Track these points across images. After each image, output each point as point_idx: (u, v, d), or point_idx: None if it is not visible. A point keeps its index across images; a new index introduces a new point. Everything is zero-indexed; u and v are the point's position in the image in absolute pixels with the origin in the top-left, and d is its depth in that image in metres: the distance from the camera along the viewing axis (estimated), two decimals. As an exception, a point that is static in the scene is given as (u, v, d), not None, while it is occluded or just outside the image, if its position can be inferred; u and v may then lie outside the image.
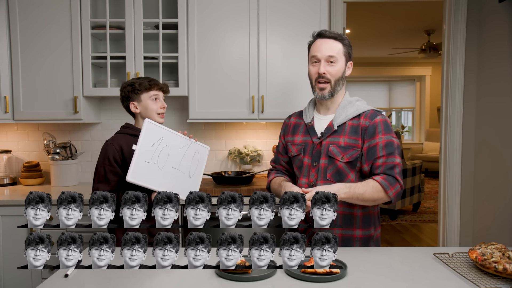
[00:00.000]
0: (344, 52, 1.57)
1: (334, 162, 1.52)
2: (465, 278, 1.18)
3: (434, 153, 8.41)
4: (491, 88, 2.68)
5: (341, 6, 2.85)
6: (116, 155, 1.72)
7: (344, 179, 1.52)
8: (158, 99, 1.82)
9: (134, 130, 1.82)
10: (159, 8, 2.54)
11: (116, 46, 2.79)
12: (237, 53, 2.56)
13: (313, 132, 1.60)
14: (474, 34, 2.82)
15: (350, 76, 8.85)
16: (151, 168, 1.55)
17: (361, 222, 1.54)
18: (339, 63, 1.55)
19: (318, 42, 1.57)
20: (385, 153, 1.48)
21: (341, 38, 1.57)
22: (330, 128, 1.56)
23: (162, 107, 1.83)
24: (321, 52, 1.54)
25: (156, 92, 1.81)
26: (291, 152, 1.65)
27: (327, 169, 1.53)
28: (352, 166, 1.52)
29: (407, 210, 5.56)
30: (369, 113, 1.57)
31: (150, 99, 1.80)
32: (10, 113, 2.57)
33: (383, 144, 1.49)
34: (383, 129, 1.51)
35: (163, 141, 1.61)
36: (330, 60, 1.54)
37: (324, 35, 1.57)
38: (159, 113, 1.81)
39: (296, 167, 1.64)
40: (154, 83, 1.81)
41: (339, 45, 1.56)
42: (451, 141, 2.88)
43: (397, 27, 6.12)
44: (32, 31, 2.54)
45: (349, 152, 1.51)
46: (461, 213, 2.90)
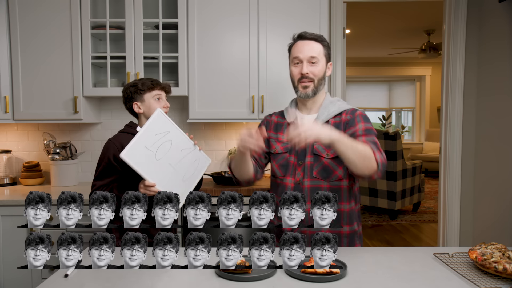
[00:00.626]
0: (324, 53, 1.60)
1: (320, 159, 1.54)
2: (465, 278, 1.18)
3: (434, 153, 8.41)
4: (491, 88, 2.68)
5: (341, 6, 2.85)
6: (117, 153, 1.71)
7: (331, 175, 1.54)
8: (161, 98, 1.83)
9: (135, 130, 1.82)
10: (159, 8, 2.54)
11: (116, 46, 2.79)
12: (237, 53, 2.56)
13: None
14: (474, 34, 2.82)
15: (350, 76, 8.86)
16: (148, 154, 1.55)
17: (348, 218, 1.57)
18: (320, 63, 1.58)
19: (299, 43, 1.60)
20: (364, 134, 1.50)
21: (321, 39, 1.61)
22: None
23: (165, 106, 1.84)
24: (303, 53, 1.57)
25: (159, 92, 1.83)
26: (274, 149, 1.64)
27: (313, 166, 1.55)
28: (338, 162, 1.53)
29: (407, 210, 5.56)
30: (349, 110, 1.60)
31: (153, 98, 1.82)
32: (10, 113, 2.57)
33: (362, 129, 1.51)
34: (362, 119, 1.55)
35: (168, 135, 1.61)
36: (312, 60, 1.56)
37: (305, 37, 1.60)
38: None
39: (277, 165, 1.63)
40: (157, 83, 1.83)
41: (319, 46, 1.59)
42: (451, 141, 2.88)
43: (397, 27, 6.11)
44: (32, 31, 2.54)
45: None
46: (461, 213, 2.90)
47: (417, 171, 5.14)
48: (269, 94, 2.57)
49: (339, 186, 1.54)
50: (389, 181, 4.86)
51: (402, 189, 4.89)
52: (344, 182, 1.55)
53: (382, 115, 8.93)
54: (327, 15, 2.56)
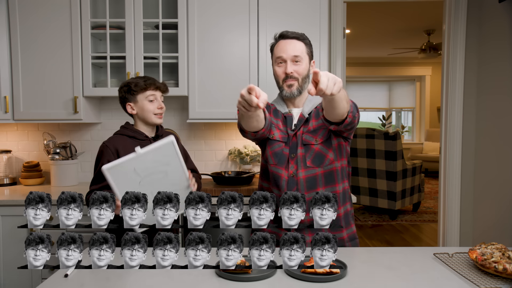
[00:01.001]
0: (307, 51, 1.61)
1: (310, 147, 1.57)
2: (465, 278, 1.18)
3: (434, 153, 8.41)
4: (491, 87, 2.68)
5: (341, 6, 2.85)
6: (112, 158, 1.68)
7: (324, 160, 1.56)
8: (155, 99, 1.77)
9: (133, 131, 1.79)
10: (159, 8, 2.54)
11: (116, 46, 2.79)
12: (237, 53, 2.56)
13: (290, 123, 1.63)
14: (474, 34, 2.82)
15: (350, 76, 8.86)
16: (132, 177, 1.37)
17: (342, 199, 1.60)
18: (304, 62, 1.59)
19: (281, 43, 1.61)
20: None
21: (303, 38, 1.61)
22: (301, 119, 1.61)
23: (159, 107, 1.78)
24: (286, 53, 1.57)
25: (153, 92, 1.77)
26: (272, 134, 1.63)
27: (305, 156, 1.57)
28: (328, 145, 1.57)
29: (407, 210, 5.55)
30: None
31: (147, 99, 1.76)
32: (10, 113, 2.57)
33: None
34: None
35: (166, 167, 1.43)
36: (295, 59, 1.57)
37: (287, 36, 1.60)
38: (156, 114, 1.78)
39: (271, 152, 1.62)
40: (150, 83, 1.76)
41: (302, 45, 1.59)
42: (451, 141, 2.88)
43: (397, 27, 6.12)
44: (32, 31, 2.54)
45: (320, 133, 1.57)
46: (461, 213, 2.90)
47: (417, 171, 5.14)
48: (269, 94, 2.55)
49: (332, 169, 1.58)
50: (389, 181, 4.86)
51: (402, 189, 4.89)
52: (336, 164, 1.58)
53: (382, 115, 8.93)
54: (327, 15, 2.56)
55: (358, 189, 5.21)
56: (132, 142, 1.72)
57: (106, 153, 1.71)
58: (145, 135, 1.79)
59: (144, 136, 1.79)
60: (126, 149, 1.67)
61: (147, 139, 1.79)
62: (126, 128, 1.81)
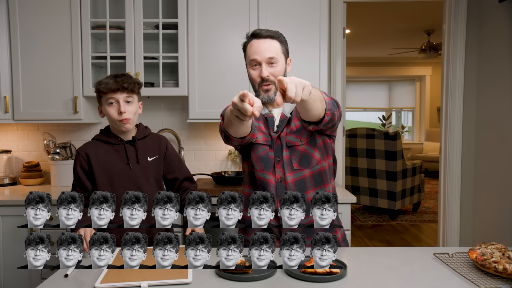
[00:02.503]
0: (282, 51, 1.51)
1: (295, 149, 1.50)
2: (465, 278, 1.18)
3: (434, 153, 8.41)
4: (492, 87, 2.68)
5: (341, 6, 2.85)
6: (83, 164, 1.62)
7: (311, 161, 1.50)
8: (117, 102, 1.58)
9: (106, 136, 1.67)
10: (159, 8, 2.54)
11: (116, 46, 2.79)
12: (237, 53, 2.56)
13: (272, 125, 1.53)
14: (474, 34, 2.82)
15: (350, 76, 8.86)
16: None
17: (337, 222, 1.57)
18: (279, 62, 1.49)
19: (254, 43, 1.49)
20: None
21: (277, 36, 1.51)
22: (284, 120, 1.52)
23: (119, 112, 1.57)
24: (261, 55, 1.47)
25: (111, 95, 1.56)
26: (255, 138, 1.53)
27: (291, 159, 1.50)
28: (313, 145, 1.50)
29: (407, 210, 5.56)
30: None
31: (107, 103, 1.58)
32: (10, 113, 2.57)
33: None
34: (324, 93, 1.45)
35: None
36: (271, 61, 1.47)
37: (260, 35, 1.49)
38: (120, 120, 1.59)
39: (256, 156, 1.54)
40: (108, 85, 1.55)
41: (276, 44, 1.49)
42: (451, 141, 2.88)
43: (397, 27, 6.12)
44: (32, 31, 2.54)
45: (303, 132, 1.50)
46: (461, 213, 2.90)
47: (417, 171, 5.14)
48: (269, 94, 2.57)
49: (320, 169, 1.52)
50: (389, 181, 4.86)
51: (402, 189, 4.89)
52: (324, 163, 1.53)
53: (382, 115, 8.93)
54: (327, 15, 2.56)
55: (358, 189, 5.21)
56: (106, 148, 1.65)
57: (78, 159, 1.64)
58: (119, 139, 1.66)
59: (118, 140, 1.66)
60: (98, 156, 1.62)
61: (121, 143, 1.66)
62: (101, 133, 1.69)
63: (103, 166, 1.62)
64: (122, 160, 1.64)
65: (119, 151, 1.65)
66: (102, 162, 1.62)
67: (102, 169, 1.62)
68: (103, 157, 1.63)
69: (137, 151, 1.66)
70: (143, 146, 1.69)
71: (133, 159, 1.65)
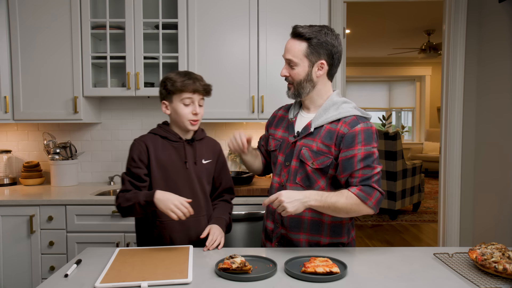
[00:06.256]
0: (306, 53, 1.42)
1: (304, 166, 1.45)
2: (465, 278, 1.18)
3: (434, 153, 8.41)
4: (491, 87, 2.68)
5: (341, 6, 2.85)
6: (142, 151, 1.55)
7: (314, 185, 1.45)
8: (191, 103, 1.56)
9: (165, 131, 1.61)
10: (159, 8, 2.54)
11: (116, 46, 2.79)
12: (237, 53, 2.56)
13: (291, 129, 1.53)
14: (474, 34, 2.82)
15: (350, 76, 8.86)
16: None
17: (329, 230, 1.49)
18: (300, 66, 1.44)
19: (287, 41, 1.49)
20: (362, 166, 1.37)
21: (309, 37, 1.41)
22: (307, 128, 1.47)
23: (194, 112, 1.56)
24: (284, 54, 1.48)
25: (190, 95, 1.54)
26: (270, 146, 1.62)
27: (297, 172, 1.47)
28: (322, 173, 1.44)
29: (407, 210, 5.55)
30: (349, 119, 1.42)
31: (181, 102, 1.55)
32: (10, 113, 2.57)
33: (361, 157, 1.38)
34: (363, 139, 1.39)
35: None
36: (290, 63, 1.46)
37: (293, 33, 1.45)
38: (190, 120, 1.57)
39: (272, 162, 1.63)
40: (188, 84, 1.53)
41: (301, 46, 1.42)
42: (451, 141, 2.88)
43: (397, 27, 6.11)
44: (32, 31, 2.54)
45: (320, 159, 1.42)
46: (461, 213, 2.90)
47: (417, 171, 5.14)
48: (269, 94, 2.57)
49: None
50: (389, 181, 4.86)
51: (402, 189, 4.89)
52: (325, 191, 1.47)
53: (382, 115, 8.93)
54: (327, 15, 2.56)
55: (358, 189, 5.20)
56: (164, 143, 1.59)
57: (135, 149, 1.56)
58: (179, 137, 1.61)
59: (178, 138, 1.61)
60: (157, 148, 1.57)
61: (181, 141, 1.61)
62: (160, 128, 1.65)
63: (160, 162, 1.56)
64: (179, 158, 1.59)
65: (177, 149, 1.59)
66: (160, 157, 1.56)
67: (159, 164, 1.56)
68: (161, 153, 1.57)
69: (195, 152, 1.62)
70: (200, 148, 1.65)
71: (191, 159, 1.60)
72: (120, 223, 2.27)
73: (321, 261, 1.25)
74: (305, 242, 1.49)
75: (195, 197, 1.57)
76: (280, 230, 1.52)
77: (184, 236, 1.56)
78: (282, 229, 1.52)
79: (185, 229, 1.55)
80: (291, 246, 1.51)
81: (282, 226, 1.52)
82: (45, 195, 2.39)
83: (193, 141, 1.63)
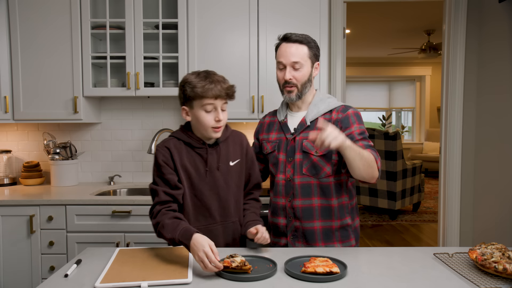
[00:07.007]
0: (309, 55, 1.58)
1: (309, 157, 1.57)
2: (465, 278, 1.18)
3: (434, 153, 8.41)
4: (492, 87, 2.68)
5: (341, 6, 2.85)
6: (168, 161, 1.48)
7: (320, 172, 1.57)
8: (213, 109, 1.45)
9: (187, 136, 1.52)
10: (159, 8, 2.54)
11: (116, 46, 2.79)
12: (237, 53, 2.56)
13: (286, 129, 1.65)
14: (474, 34, 2.82)
15: (350, 76, 8.86)
16: None
17: (338, 213, 1.59)
18: (304, 67, 1.57)
19: (283, 46, 1.60)
20: (361, 137, 1.53)
21: (307, 41, 1.58)
22: (303, 124, 1.61)
23: (217, 119, 1.45)
24: (286, 58, 1.57)
25: (211, 101, 1.42)
26: (266, 150, 1.70)
27: (302, 163, 1.58)
28: (327, 159, 1.56)
29: (407, 210, 5.55)
30: (340, 108, 1.61)
31: (203, 108, 1.43)
32: (10, 113, 2.57)
33: (358, 132, 1.54)
34: (356, 120, 1.57)
35: None
36: (295, 66, 1.57)
37: (289, 39, 1.59)
38: (213, 127, 1.46)
39: (271, 164, 1.68)
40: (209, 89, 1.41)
41: (304, 49, 1.57)
42: (451, 141, 2.88)
43: (397, 27, 6.12)
44: (32, 31, 2.54)
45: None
46: (461, 213, 2.90)
47: (417, 171, 5.14)
48: (269, 94, 2.57)
49: (328, 182, 1.58)
50: (389, 181, 4.86)
51: (402, 189, 4.89)
52: (332, 179, 1.58)
53: (382, 115, 8.93)
54: (327, 15, 2.56)
55: (358, 189, 5.21)
56: (187, 149, 1.51)
57: (160, 154, 1.49)
58: (202, 142, 1.51)
59: (201, 143, 1.51)
60: (181, 155, 1.50)
61: (204, 146, 1.51)
62: (182, 132, 1.54)
63: (185, 168, 1.49)
64: (204, 165, 1.51)
65: (201, 155, 1.51)
66: (185, 164, 1.49)
67: (184, 171, 1.49)
68: (185, 159, 1.50)
69: (219, 156, 1.53)
70: (226, 149, 1.56)
71: (215, 164, 1.52)
72: (120, 223, 2.27)
73: (321, 261, 1.25)
74: (320, 230, 1.58)
75: (222, 203, 1.52)
76: (293, 223, 1.60)
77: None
78: (295, 222, 1.60)
79: (213, 236, 1.45)
80: (305, 237, 1.59)
81: (295, 219, 1.59)
82: (45, 195, 2.39)
83: (217, 144, 1.54)
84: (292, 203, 1.60)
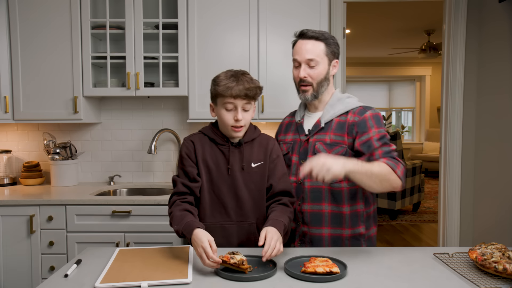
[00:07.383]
0: (326, 52, 1.52)
1: None
2: (465, 278, 1.18)
3: (434, 153, 8.41)
4: (492, 87, 2.68)
5: (341, 6, 2.85)
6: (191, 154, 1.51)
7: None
8: (233, 108, 1.44)
9: (213, 132, 1.53)
10: (159, 8, 2.54)
11: (116, 46, 2.79)
12: (237, 53, 2.56)
13: (301, 130, 1.60)
14: (474, 34, 2.82)
15: (350, 76, 8.86)
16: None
17: (350, 221, 1.52)
18: (320, 65, 1.51)
19: (299, 43, 1.53)
20: (380, 144, 1.45)
21: (324, 38, 1.51)
22: (317, 126, 1.56)
23: (236, 119, 1.44)
24: (301, 55, 1.51)
25: (231, 100, 1.43)
26: (282, 151, 1.63)
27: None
28: None
29: (407, 210, 5.55)
30: (357, 110, 1.52)
31: (223, 107, 1.45)
32: (10, 113, 2.57)
33: (377, 137, 1.46)
34: (375, 123, 1.48)
35: None
36: (310, 64, 1.50)
37: (306, 35, 1.52)
38: (234, 126, 1.46)
39: (286, 165, 1.63)
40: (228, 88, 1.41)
41: (320, 46, 1.51)
42: (451, 141, 2.88)
43: (397, 27, 6.11)
44: (32, 31, 2.54)
45: (335, 149, 1.49)
46: (461, 213, 2.90)
47: (417, 171, 5.14)
48: (269, 94, 2.57)
49: (339, 188, 1.51)
50: (389, 181, 4.85)
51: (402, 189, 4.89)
52: (344, 184, 1.51)
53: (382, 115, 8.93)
54: (327, 15, 2.56)
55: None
56: (211, 145, 1.52)
57: (184, 146, 1.53)
58: (226, 139, 1.51)
59: (224, 141, 1.51)
60: (204, 149, 1.51)
61: (227, 144, 1.51)
62: (210, 128, 1.56)
63: (206, 163, 1.50)
64: (225, 162, 1.51)
65: (223, 152, 1.51)
66: (206, 159, 1.50)
67: (205, 166, 1.50)
68: (208, 154, 1.51)
69: (242, 156, 1.51)
70: (250, 150, 1.53)
71: (237, 164, 1.50)
72: (120, 223, 2.28)
73: (321, 261, 1.25)
74: (328, 237, 1.52)
75: (239, 204, 1.49)
76: (301, 227, 1.55)
77: (224, 241, 1.48)
78: (303, 227, 1.54)
79: (226, 234, 1.47)
80: (312, 243, 1.53)
81: (303, 224, 1.54)
82: (45, 195, 2.39)
83: (240, 144, 1.51)
84: (301, 207, 1.54)
